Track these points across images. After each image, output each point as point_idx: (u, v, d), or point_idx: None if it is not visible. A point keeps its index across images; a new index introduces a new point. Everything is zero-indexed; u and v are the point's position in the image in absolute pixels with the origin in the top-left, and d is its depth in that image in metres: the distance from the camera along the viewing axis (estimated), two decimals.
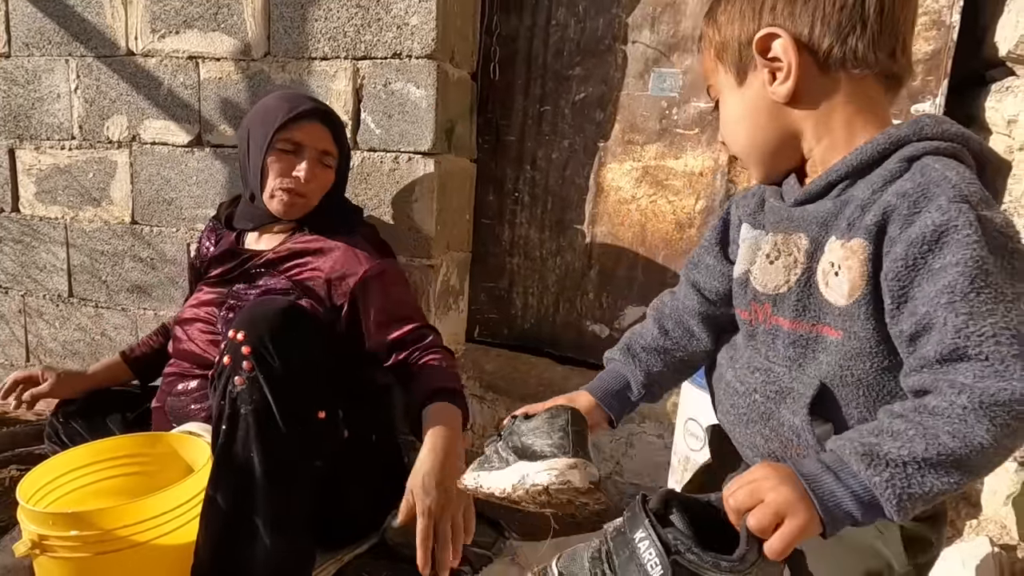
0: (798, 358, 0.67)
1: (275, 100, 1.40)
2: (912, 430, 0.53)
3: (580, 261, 1.75)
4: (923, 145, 0.61)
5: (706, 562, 0.56)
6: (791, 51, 0.65)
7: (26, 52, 1.94)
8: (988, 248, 0.54)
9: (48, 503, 1.20)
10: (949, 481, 0.53)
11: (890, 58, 0.65)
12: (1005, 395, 0.51)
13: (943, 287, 0.54)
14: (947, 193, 0.56)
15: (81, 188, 1.97)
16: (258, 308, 1.18)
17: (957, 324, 0.53)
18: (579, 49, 1.67)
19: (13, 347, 2.14)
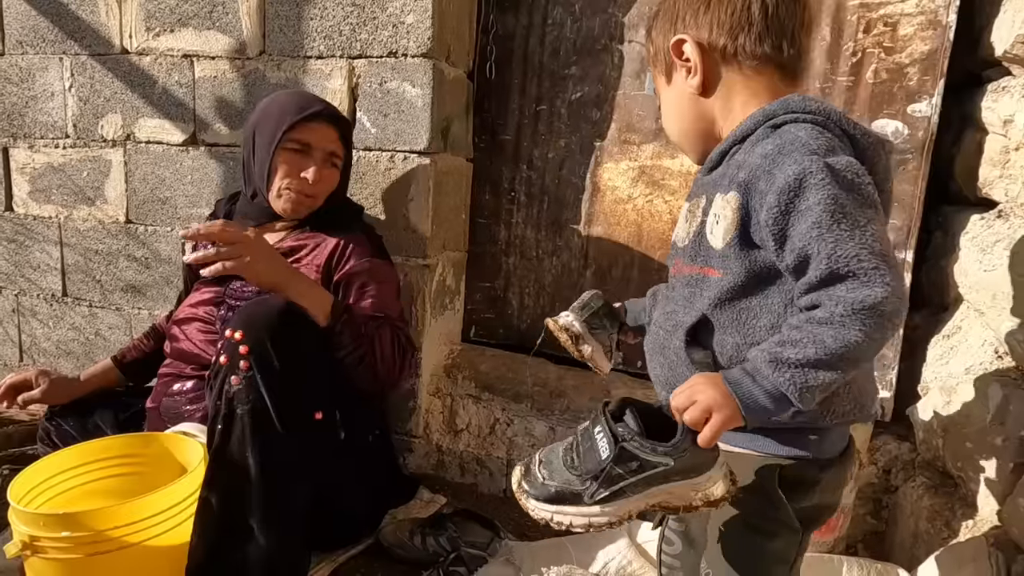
0: (690, 297, 0.81)
1: (285, 98, 1.39)
2: (805, 338, 0.66)
3: (576, 261, 1.74)
4: (785, 116, 0.75)
5: (645, 447, 0.72)
6: (695, 52, 0.80)
7: (20, 50, 1.93)
8: (839, 187, 0.67)
9: (40, 504, 1.20)
10: (837, 373, 0.66)
11: (777, 51, 0.78)
12: (870, 299, 0.64)
13: (811, 223, 0.67)
14: (800, 149, 0.70)
15: (75, 187, 1.95)
16: (256, 308, 1.17)
17: (827, 251, 0.66)
18: (575, 48, 1.67)
19: (7, 347, 2.13)
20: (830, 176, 0.67)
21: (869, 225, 0.66)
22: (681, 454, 0.71)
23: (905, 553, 1.28)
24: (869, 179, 0.70)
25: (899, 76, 1.39)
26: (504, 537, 1.41)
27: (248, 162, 1.42)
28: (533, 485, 0.77)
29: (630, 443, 0.72)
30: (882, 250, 0.65)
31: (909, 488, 1.34)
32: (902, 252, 1.44)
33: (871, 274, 0.64)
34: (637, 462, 0.72)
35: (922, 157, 1.40)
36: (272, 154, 1.34)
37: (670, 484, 0.73)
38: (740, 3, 0.78)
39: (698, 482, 0.73)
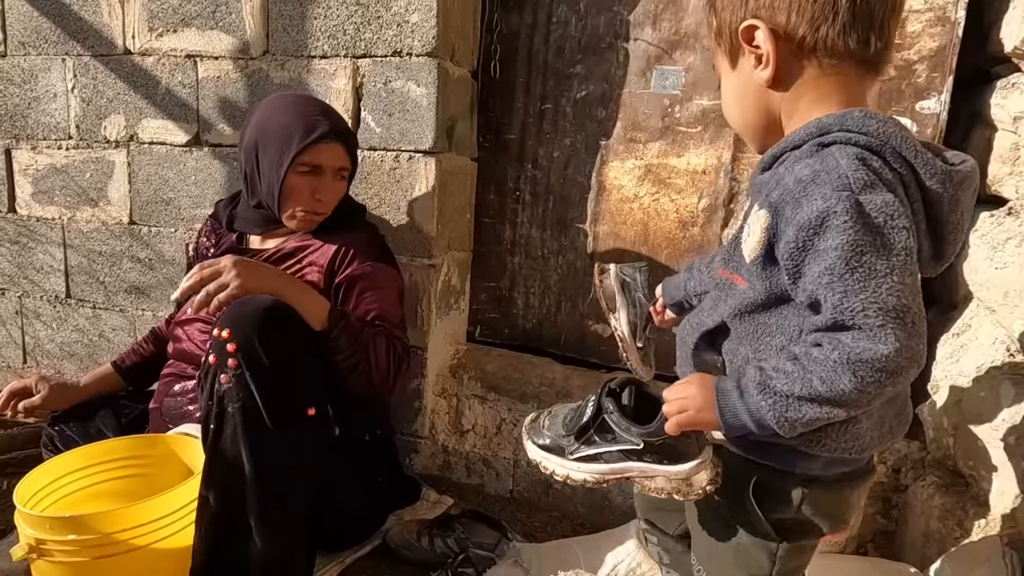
0: (717, 300, 0.81)
1: (286, 116, 1.34)
2: (796, 372, 0.66)
3: (582, 260, 1.74)
4: (839, 135, 0.69)
5: (621, 424, 0.79)
6: (769, 40, 0.72)
7: (22, 51, 1.92)
8: (863, 230, 0.63)
9: (46, 507, 1.19)
10: (820, 412, 0.66)
11: (863, 45, 0.71)
12: (869, 354, 0.62)
13: (824, 269, 0.65)
14: (832, 182, 0.65)
15: (78, 188, 1.95)
16: (243, 306, 1.17)
17: (835, 302, 0.64)
18: (580, 47, 1.66)
19: (10, 349, 2.12)
20: (855, 218, 0.63)
21: (888, 276, 0.63)
22: (653, 438, 0.77)
23: (916, 553, 1.27)
24: (906, 222, 0.65)
25: (907, 73, 1.38)
26: (512, 538, 1.40)
27: (252, 176, 1.39)
28: (535, 431, 0.88)
29: (609, 416, 0.80)
30: (896, 305, 0.62)
31: (919, 487, 1.33)
32: None
33: (876, 331, 0.62)
34: (612, 435, 0.80)
35: None
36: (282, 180, 1.33)
37: (643, 464, 0.79)
38: None
39: (673, 471, 0.77)
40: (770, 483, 0.78)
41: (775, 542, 0.79)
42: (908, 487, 1.39)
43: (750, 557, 0.81)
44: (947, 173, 0.69)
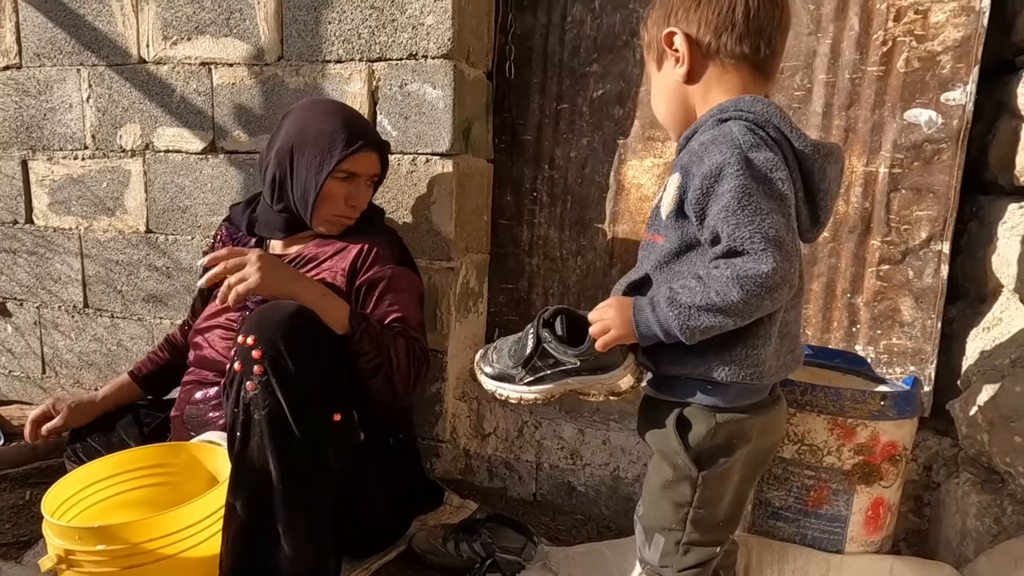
0: (642, 259, 0.97)
1: (327, 123, 1.35)
2: (698, 288, 0.83)
3: (601, 260, 1.72)
4: (733, 113, 0.87)
5: (559, 350, 0.94)
6: (684, 44, 0.91)
7: (37, 63, 1.93)
8: (751, 177, 0.80)
9: (72, 516, 1.19)
10: (715, 320, 0.82)
11: (754, 51, 0.89)
12: (753, 271, 0.79)
13: (722, 207, 0.81)
14: (727, 143, 0.83)
15: (95, 198, 1.95)
16: (267, 311, 1.16)
17: (728, 232, 0.80)
18: (596, 46, 1.65)
19: (29, 359, 2.13)
20: (744, 168, 0.80)
21: (770, 214, 0.80)
22: (586, 357, 0.92)
23: (952, 552, 1.25)
24: (783, 175, 0.82)
25: (932, 64, 1.36)
26: (538, 542, 1.39)
27: (283, 180, 1.38)
28: (487, 363, 1.01)
29: (548, 344, 0.94)
30: (776, 236, 0.79)
31: (952, 485, 1.31)
32: (938, 244, 1.41)
33: (759, 254, 0.78)
34: (553, 359, 0.94)
35: (957, 146, 1.37)
36: (320, 185, 1.34)
37: (581, 377, 0.95)
38: (726, 5, 0.88)
39: (604, 378, 0.94)
40: (689, 418, 0.93)
41: (696, 472, 0.93)
42: (940, 485, 1.37)
43: (676, 489, 0.96)
44: (815, 145, 0.87)
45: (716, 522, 0.97)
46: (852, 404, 1.10)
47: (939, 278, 1.43)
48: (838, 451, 1.11)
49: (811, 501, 1.14)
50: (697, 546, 0.97)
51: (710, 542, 0.97)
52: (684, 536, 0.97)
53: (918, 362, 1.45)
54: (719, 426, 0.91)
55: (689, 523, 0.96)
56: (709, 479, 0.94)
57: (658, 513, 0.99)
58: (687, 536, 0.97)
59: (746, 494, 1.02)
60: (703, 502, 0.95)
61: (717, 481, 0.95)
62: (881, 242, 1.46)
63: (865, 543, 1.14)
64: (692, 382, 0.92)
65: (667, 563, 0.99)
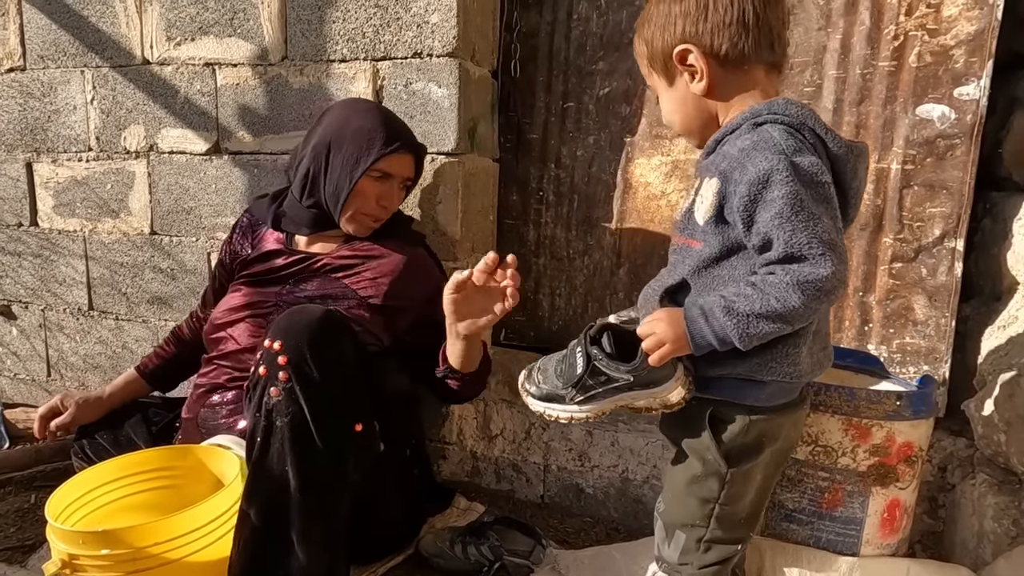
0: (676, 263, 0.96)
1: (367, 120, 1.35)
2: (755, 295, 0.82)
3: (609, 260, 1.70)
4: (768, 116, 0.86)
5: (611, 366, 0.91)
6: (701, 59, 0.90)
7: (41, 64, 1.92)
8: (801, 183, 0.80)
9: (77, 520, 1.17)
10: (775, 327, 0.82)
11: (769, 51, 0.90)
12: (813, 276, 0.79)
13: (775, 214, 0.80)
14: (771, 148, 0.82)
15: (99, 200, 1.95)
16: (295, 316, 1.14)
17: (785, 238, 0.80)
18: (602, 43, 1.64)
19: (34, 362, 2.12)
20: (793, 173, 0.80)
21: (822, 218, 0.80)
22: (639, 372, 0.90)
23: (969, 554, 1.23)
24: (828, 178, 0.83)
25: (944, 59, 1.34)
26: (546, 545, 1.37)
27: (316, 175, 1.37)
28: (533, 384, 0.99)
29: (599, 362, 0.92)
30: (830, 239, 0.80)
31: (968, 486, 1.28)
32: (952, 241, 1.39)
33: (818, 259, 0.79)
34: (605, 376, 0.92)
35: (971, 142, 1.35)
36: (355, 182, 1.33)
37: (633, 392, 0.93)
38: (736, 12, 0.87)
39: (656, 392, 0.92)
40: (722, 415, 0.93)
41: (725, 468, 0.93)
42: (956, 486, 1.34)
43: (703, 484, 0.96)
44: (848, 145, 0.87)
45: (739, 519, 0.97)
46: (867, 404, 1.08)
47: (953, 276, 1.40)
48: (853, 452, 1.09)
49: (825, 503, 1.12)
50: (719, 543, 0.97)
51: (731, 539, 0.98)
52: (707, 533, 0.97)
53: (932, 361, 1.43)
54: (752, 424, 0.92)
55: (714, 519, 0.96)
56: (737, 476, 0.94)
57: (682, 509, 0.99)
58: (710, 533, 0.97)
59: (767, 492, 1.02)
60: (729, 499, 0.95)
61: (743, 479, 0.95)
62: (894, 239, 1.44)
63: (881, 546, 1.12)
64: (731, 380, 0.92)
65: (687, 560, 0.99)
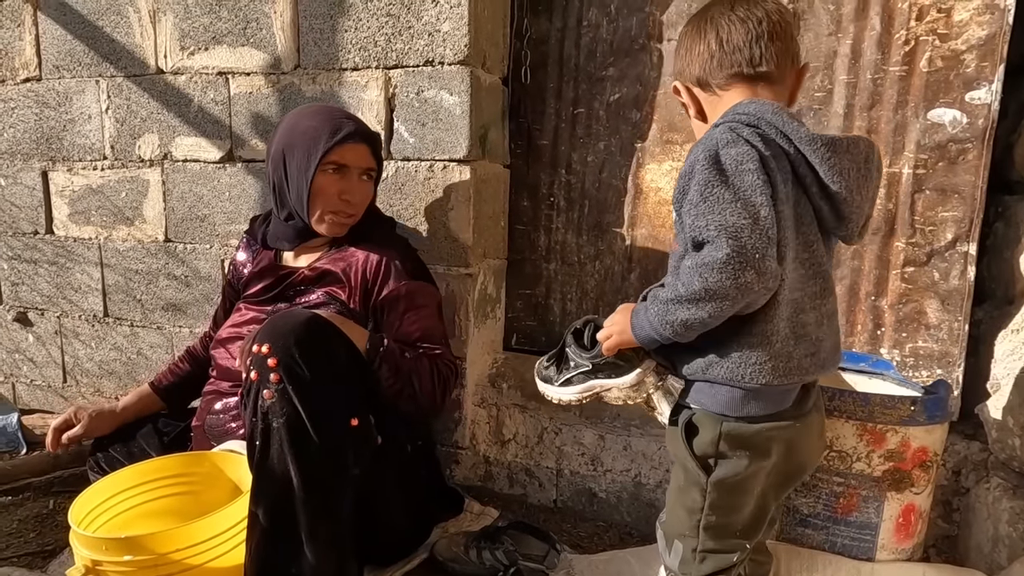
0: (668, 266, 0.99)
1: (312, 120, 1.36)
2: (672, 282, 0.88)
3: (620, 265, 1.71)
4: (726, 117, 0.90)
5: (576, 352, 1.02)
6: (684, 92, 1.01)
7: (57, 74, 1.95)
8: (715, 171, 0.83)
9: (98, 526, 1.19)
10: (690, 313, 0.85)
11: (739, 68, 0.94)
12: (709, 259, 0.81)
13: (687, 202, 0.86)
14: (705, 144, 0.87)
15: (114, 208, 1.97)
16: (280, 320, 1.16)
17: (691, 223, 0.85)
18: (612, 49, 1.64)
19: (50, 368, 2.14)
20: (711, 163, 0.84)
21: (732, 203, 0.82)
22: (596, 360, 0.99)
23: (984, 558, 1.23)
24: (752, 166, 0.83)
25: (955, 63, 1.35)
26: (560, 549, 1.38)
27: (281, 186, 1.40)
28: (537, 369, 1.10)
29: (568, 348, 1.04)
30: (732, 223, 0.81)
31: (983, 490, 1.28)
32: (964, 245, 1.39)
33: (718, 242, 0.81)
34: (574, 362, 1.03)
35: (983, 146, 1.35)
36: (310, 180, 1.34)
37: (600, 380, 1.00)
38: (702, 42, 0.96)
39: (619, 382, 0.99)
40: (697, 422, 0.94)
41: (704, 479, 0.94)
42: (970, 490, 1.34)
43: (687, 494, 0.97)
44: (813, 137, 0.86)
45: (733, 531, 0.96)
46: (881, 410, 1.08)
47: (965, 280, 1.40)
48: (868, 457, 1.10)
49: (840, 508, 1.12)
50: (713, 553, 0.97)
51: (726, 549, 0.96)
52: (699, 544, 0.97)
53: (945, 365, 1.43)
54: (724, 435, 0.91)
55: (702, 530, 0.96)
56: (719, 487, 0.93)
57: (674, 519, 1.00)
58: (701, 544, 0.96)
59: (768, 507, 0.99)
60: (714, 510, 0.94)
61: (730, 490, 0.93)
62: (906, 244, 1.44)
63: (896, 551, 1.12)
64: (703, 387, 0.93)
65: (686, 570, 0.99)
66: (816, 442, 1.00)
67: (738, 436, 0.91)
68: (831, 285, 0.93)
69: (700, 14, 0.99)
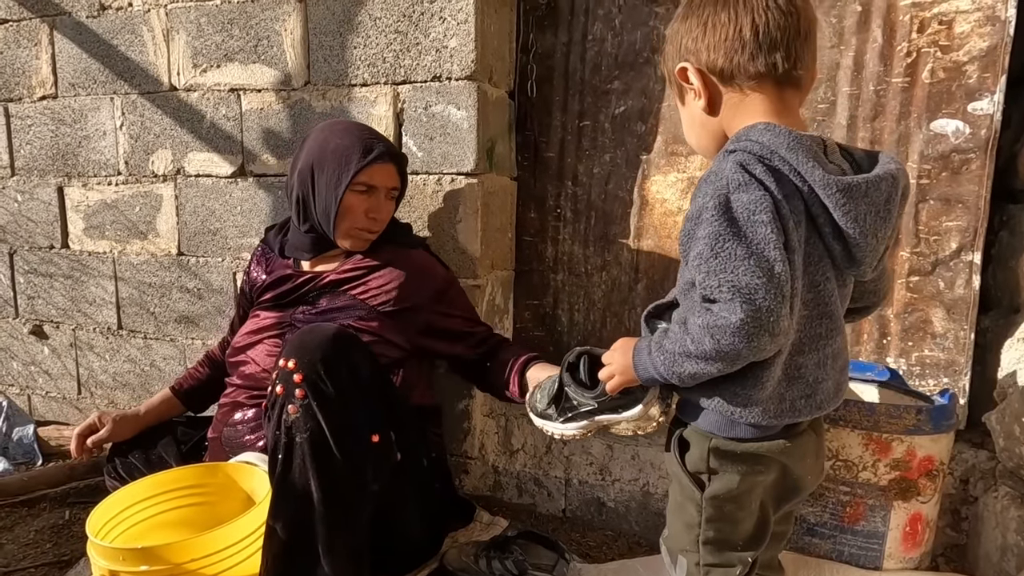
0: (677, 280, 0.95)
1: (343, 139, 1.39)
2: (679, 335, 0.83)
3: (627, 275, 1.73)
4: (739, 144, 0.82)
5: (577, 392, 1.01)
6: (697, 77, 0.87)
7: (72, 92, 1.99)
8: (726, 223, 0.77)
9: (114, 537, 1.21)
10: (698, 367, 0.82)
11: (772, 67, 0.83)
12: (722, 322, 0.78)
13: (696, 253, 0.80)
14: (713, 183, 0.80)
15: (128, 222, 2.00)
16: (307, 335, 1.18)
17: (701, 280, 0.80)
18: (617, 63, 1.67)
19: (65, 380, 2.18)
20: (722, 212, 0.78)
21: (746, 260, 0.76)
22: (601, 399, 0.99)
23: (993, 567, 1.23)
24: (766, 216, 0.77)
25: (957, 74, 1.36)
26: (569, 559, 1.39)
27: (306, 200, 1.42)
28: (533, 402, 1.12)
29: (568, 389, 1.03)
30: (748, 283, 0.76)
31: (991, 499, 1.29)
32: (969, 254, 1.40)
33: (727, 304, 0.77)
34: (576, 401, 1.02)
35: (986, 156, 1.36)
36: (340, 199, 1.37)
37: (604, 416, 1.01)
38: (733, 26, 0.83)
39: (625, 416, 0.99)
40: (688, 438, 0.93)
41: (699, 494, 0.92)
42: (978, 499, 1.35)
43: (685, 509, 0.95)
44: (827, 181, 0.79)
45: (733, 545, 0.94)
46: (887, 419, 1.09)
47: (971, 289, 1.41)
48: (874, 466, 1.11)
49: (847, 517, 1.13)
50: (715, 567, 0.95)
51: (728, 563, 0.94)
52: (700, 558, 0.95)
53: (951, 374, 1.44)
54: (713, 451, 0.90)
55: (701, 545, 0.94)
56: (714, 502, 0.91)
57: (675, 534, 0.99)
58: (703, 558, 0.94)
59: (769, 521, 0.96)
60: (711, 524, 0.92)
61: (725, 505, 0.92)
62: (910, 253, 1.45)
63: (904, 559, 1.13)
64: (695, 405, 0.91)
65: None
66: (812, 463, 0.96)
67: (727, 452, 0.89)
68: (839, 325, 0.87)
69: None
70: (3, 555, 1.50)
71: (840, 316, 0.87)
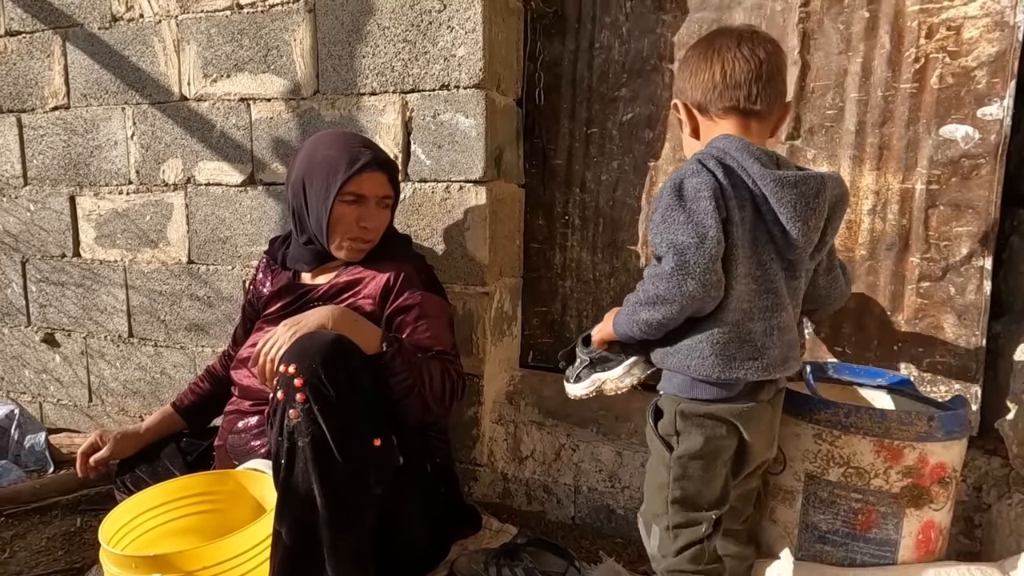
0: None
1: (330, 150, 1.40)
2: (638, 288, 1.05)
3: (635, 282, 1.69)
4: (703, 150, 1.05)
5: (581, 348, 1.23)
6: (683, 111, 1.13)
7: (84, 102, 2.01)
8: (676, 198, 0.99)
9: (126, 544, 1.22)
10: (648, 314, 1.03)
11: (735, 103, 1.05)
12: (659, 271, 0.99)
13: (652, 224, 1.02)
14: (677, 173, 1.02)
15: (139, 231, 2.02)
16: (307, 340, 1.19)
17: (652, 240, 1.02)
18: (625, 70, 1.67)
19: (76, 388, 2.19)
20: (675, 192, 0.99)
21: (684, 225, 0.97)
22: (591, 354, 1.21)
23: None
24: (707, 194, 0.97)
25: (966, 80, 1.36)
26: (579, 566, 1.38)
27: (300, 212, 1.44)
28: (566, 376, 1.28)
29: (577, 347, 1.25)
30: (683, 242, 0.96)
31: (1005, 506, 1.28)
32: (979, 259, 1.39)
33: (665, 256, 0.99)
34: (579, 359, 1.23)
35: (996, 161, 1.36)
36: (329, 210, 1.37)
37: (596, 373, 1.21)
38: (708, 72, 1.06)
39: (609, 374, 1.19)
40: (661, 405, 1.11)
41: (668, 455, 1.07)
42: (991, 506, 1.33)
43: (657, 472, 1.10)
44: (764, 173, 1.00)
45: (699, 505, 1.07)
46: (898, 426, 1.09)
47: (982, 294, 1.40)
48: (885, 473, 1.10)
49: (859, 524, 1.12)
50: (683, 528, 1.07)
51: (693, 522, 1.07)
52: (669, 520, 1.08)
53: (963, 380, 1.43)
54: (679, 412, 1.06)
55: (670, 505, 1.07)
56: (680, 461, 1.06)
57: (649, 503, 1.13)
58: (671, 519, 1.08)
59: (728, 483, 1.09)
60: (677, 483, 1.06)
61: (690, 464, 1.06)
62: (920, 259, 1.44)
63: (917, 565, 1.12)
64: (667, 374, 1.09)
65: (664, 551, 1.10)
66: (764, 434, 1.09)
67: (691, 414, 1.05)
68: (783, 302, 1.04)
69: (708, 41, 1.09)
70: (16, 562, 1.51)
71: (784, 295, 1.04)
